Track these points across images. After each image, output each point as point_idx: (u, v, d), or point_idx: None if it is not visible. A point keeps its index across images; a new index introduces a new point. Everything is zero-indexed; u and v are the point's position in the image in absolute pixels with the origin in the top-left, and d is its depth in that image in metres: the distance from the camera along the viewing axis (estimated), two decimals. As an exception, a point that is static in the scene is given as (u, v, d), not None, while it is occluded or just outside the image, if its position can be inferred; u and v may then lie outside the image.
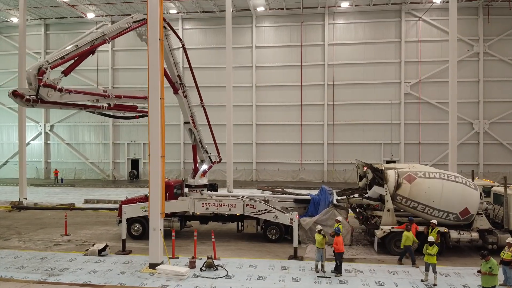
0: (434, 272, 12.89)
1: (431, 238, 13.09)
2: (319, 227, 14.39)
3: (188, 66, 20.89)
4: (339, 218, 15.60)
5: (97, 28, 43.35)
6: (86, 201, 29.57)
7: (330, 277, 13.61)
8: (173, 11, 40.60)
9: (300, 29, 40.32)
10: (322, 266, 13.94)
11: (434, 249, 12.80)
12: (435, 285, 12.86)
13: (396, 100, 39.12)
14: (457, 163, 31.23)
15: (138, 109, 17.55)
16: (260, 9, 39.86)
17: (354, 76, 39.60)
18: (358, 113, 39.55)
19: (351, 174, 39.22)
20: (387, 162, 38.21)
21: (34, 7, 40.09)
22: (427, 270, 13.09)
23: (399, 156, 39.10)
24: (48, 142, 44.82)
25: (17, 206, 27.74)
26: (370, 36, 39.55)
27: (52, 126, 44.52)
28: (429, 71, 38.64)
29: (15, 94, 13.73)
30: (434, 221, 15.54)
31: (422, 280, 13.12)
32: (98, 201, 29.43)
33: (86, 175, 43.99)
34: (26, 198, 29.03)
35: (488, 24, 38.37)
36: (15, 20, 42.21)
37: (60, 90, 14.51)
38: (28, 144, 44.22)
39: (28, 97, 13.94)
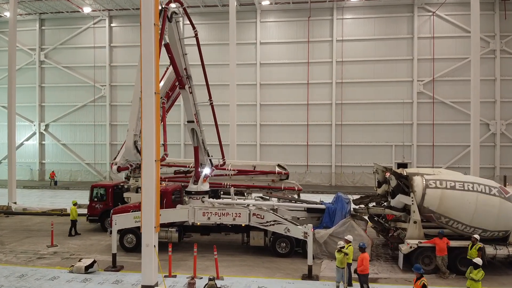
0: (478, 300, 10.90)
1: (478, 260, 11.03)
2: (341, 243, 12.41)
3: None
4: (349, 237, 13.17)
5: (94, 23, 41.51)
6: (78, 206, 27.51)
7: (352, 302, 11.68)
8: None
9: (307, 25, 38.32)
10: (344, 288, 12.01)
11: (479, 274, 10.79)
12: (475, 313, 10.90)
13: (408, 99, 37.12)
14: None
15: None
16: (265, 3, 37.93)
17: (363, 74, 37.60)
18: (368, 113, 37.55)
19: (360, 177, 37.36)
20: (399, 164, 36.38)
21: (28, 0, 38.23)
22: (468, 297, 11.09)
23: (411, 158, 37.11)
24: (43, 142, 42.94)
25: (5, 211, 25.82)
26: (380, 32, 37.56)
27: (46, 126, 42.63)
28: (443, 69, 36.64)
29: (119, 170, 16.63)
30: (476, 236, 13.56)
31: (461, 309, 11.14)
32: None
33: (82, 177, 42.05)
34: (15, 203, 27.18)
35: (505, 20, 36.38)
36: (9, 15, 40.28)
37: (163, 159, 16.36)
38: (21, 144, 42.61)
39: (134, 166, 16.87)
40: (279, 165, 20.78)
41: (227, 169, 20.59)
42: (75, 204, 20.87)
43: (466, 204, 14.14)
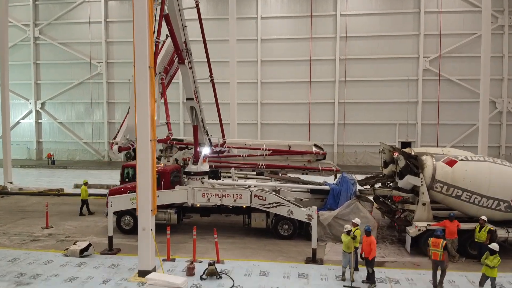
0: (493, 287, 10.34)
1: (494, 246, 10.40)
2: (348, 226, 11.80)
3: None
4: (357, 221, 12.38)
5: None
6: (76, 186, 27.06)
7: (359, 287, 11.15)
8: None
9: (310, -2, 36.95)
10: (351, 274, 11.43)
11: (495, 260, 10.20)
12: (490, 300, 10.39)
13: (413, 76, 36.03)
14: (476, 145, 28.45)
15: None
16: (266, -24, 36.48)
17: (368, 50, 36.38)
18: (372, 90, 36.51)
19: (363, 157, 36.74)
20: (402, 143, 35.70)
21: (20, -27, 36.78)
22: (481, 284, 10.50)
23: (415, 137, 36.34)
24: (39, 120, 42.09)
25: (0, 192, 25.23)
26: (386, 6, 36.17)
27: (43, 104, 41.69)
28: (450, 45, 35.44)
29: (120, 150, 15.35)
30: (483, 217, 12.94)
31: (476, 297, 10.61)
32: (90, 186, 26.76)
33: (80, 156, 41.41)
34: (11, 182, 26.58)
35: (514, -5, 35.03)
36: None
37: (168, 139, 15.45)
38: (18, 123, 41.84)
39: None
40: (315, 145, 19.73)
41: (262, 149, 19.63)
42: (85, 184, 20.18)
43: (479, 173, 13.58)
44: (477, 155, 14.55)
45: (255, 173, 20.06)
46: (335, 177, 18.96)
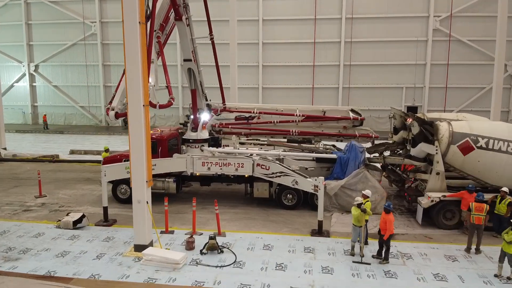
0: (511, 264, 9.66)
1: (516, 220, 9.67)
2: (358, 199, 10.97)
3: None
4: (368, 192, 11.58)
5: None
6: (72, 152, 26.26)
7: (369, 264, 10.47)
8: None
9: (314, -48, 34.60)
10: (361, 248, 10.72)
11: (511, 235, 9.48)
12: (509, 278, 9.73)
13: (422, 37, 34.26)
14: (484, 109, 27.46)
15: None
16: None
17: (375, 8, 34.21)
18: (378, 52, 34.78)
19: (367, 122, 35.42)
20: (408, 108, 34.56)
21: None
22: (501, 261, 9.81)
23: (422, 101, 35.10)
24: (34, 84, 40.58)
25: (-6, 158, 24.45)
26: (395, -40, 33.93)
27: (36, 66, 40.03)
28: (462, 3, 33.44)
29: (117, 117, 14.37)
30: (505, 188, 12.12)
31: (495, 275, 9.88)
32: (86, 152, 26.10)
33: (77, 121, 40.26)
34: (5, 148, 25.78)
35: None
36: None
37: (170, 104, 14.30)
38: (12, 86, 40.51)
39: None
40: (352, 110, 18.57)
41: (295, 115, 18.44)
42: (106, 151, 19.16)
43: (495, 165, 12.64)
44: (501, 137, 12.65)
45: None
46: (373, 143, 17.56)
